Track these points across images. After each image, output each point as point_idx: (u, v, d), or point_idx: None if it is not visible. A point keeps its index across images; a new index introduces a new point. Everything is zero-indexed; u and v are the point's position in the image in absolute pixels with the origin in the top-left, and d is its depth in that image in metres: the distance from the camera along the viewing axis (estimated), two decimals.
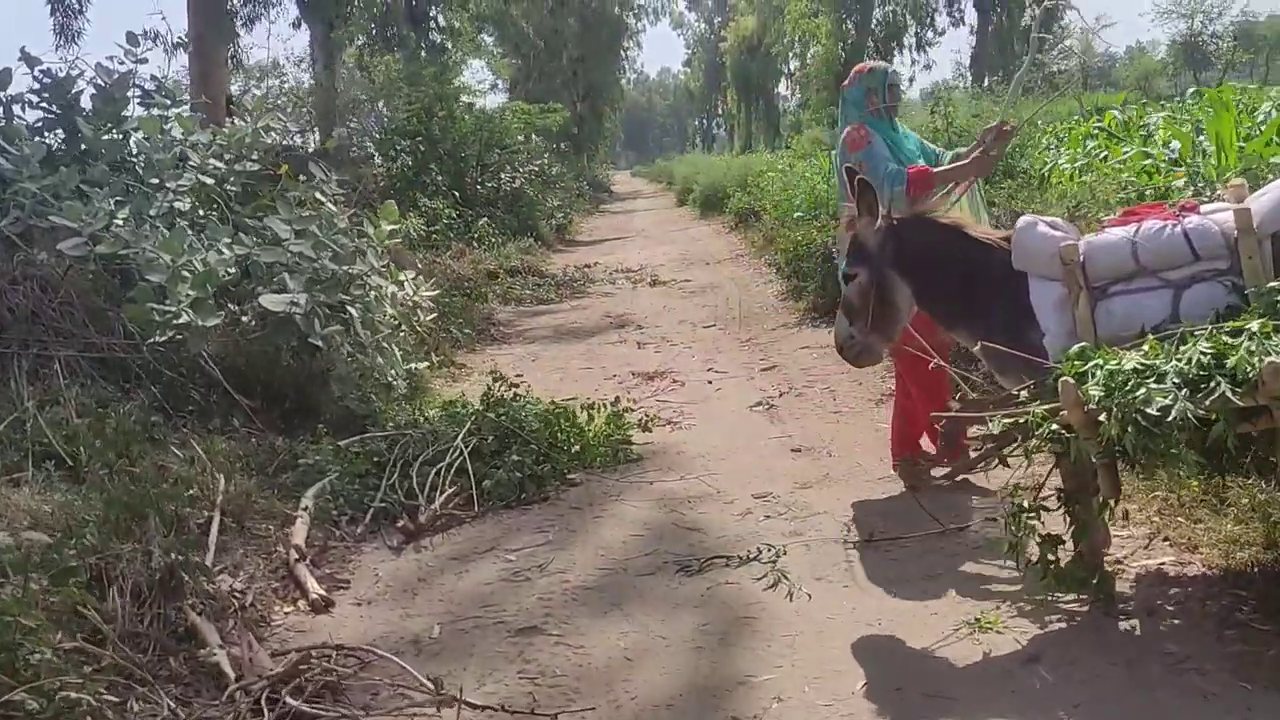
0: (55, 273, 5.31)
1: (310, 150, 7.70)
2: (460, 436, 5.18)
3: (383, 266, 6.90)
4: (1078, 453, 2.87)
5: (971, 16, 35.32)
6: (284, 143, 7.56)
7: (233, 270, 5.67)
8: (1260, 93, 13.00)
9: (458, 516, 4.77)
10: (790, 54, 44.81)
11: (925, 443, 4.78)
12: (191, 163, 6.72)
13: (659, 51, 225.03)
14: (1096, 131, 10.33)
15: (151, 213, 6.01)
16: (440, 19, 25.80)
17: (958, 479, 4.33)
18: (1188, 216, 3.05)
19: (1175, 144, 8.00)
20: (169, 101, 7.29)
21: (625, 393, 7.09)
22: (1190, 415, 2.55)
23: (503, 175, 18.63)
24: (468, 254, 13.61)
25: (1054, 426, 2.88)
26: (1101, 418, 2.73)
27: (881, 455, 5.09)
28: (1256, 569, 3.27)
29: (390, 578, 4.21)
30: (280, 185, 6.92)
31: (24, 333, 4.95)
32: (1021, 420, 2.98)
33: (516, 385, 5.80)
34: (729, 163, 26.17)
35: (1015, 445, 3.15)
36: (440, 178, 16.53)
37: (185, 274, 5.31)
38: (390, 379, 6.30)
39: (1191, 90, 15.64)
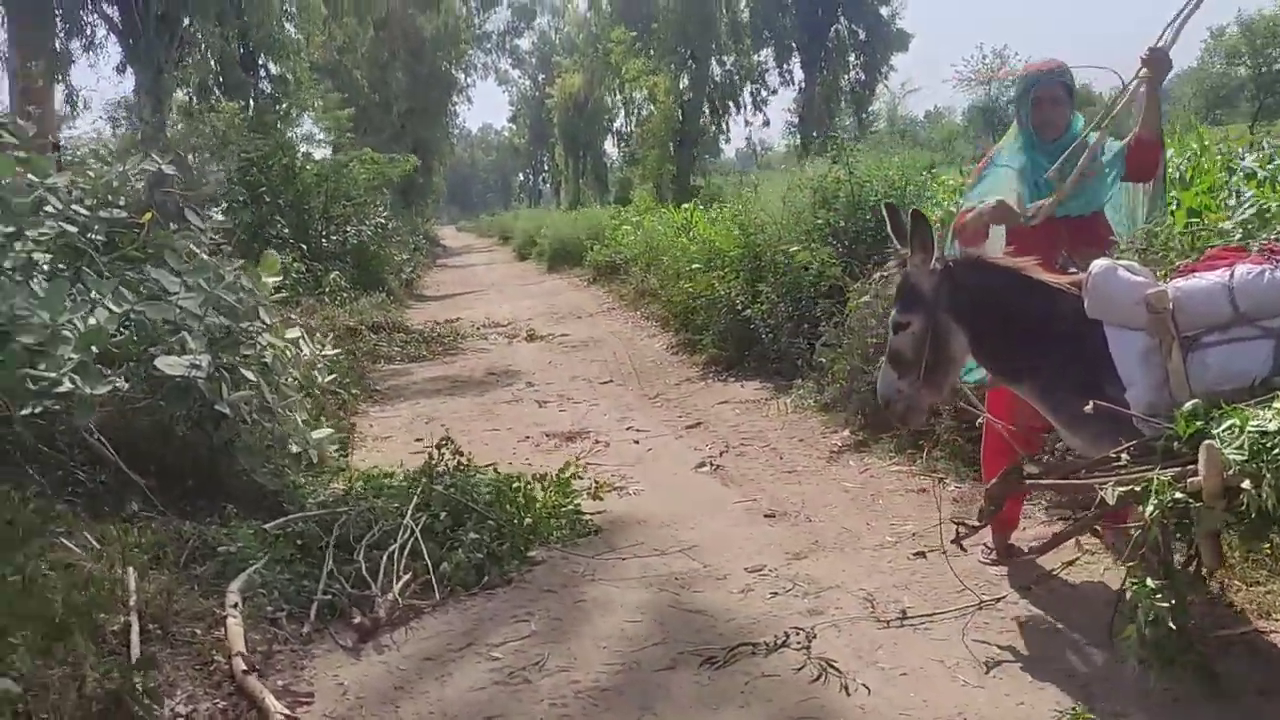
0: None
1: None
2: (409, 513, 4.57)
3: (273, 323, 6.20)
4: (1201, 521, 2.63)
5: (800, 75, 36.73)
6: (155, 187, 6.67)
7: (118, 331, 4.88)
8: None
9: (416, 607, 4.15)
10: (620, 111, 45.46)
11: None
12: (51, 208, 5.84)
13: (481, 108, 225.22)
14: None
15: (7, 264, 5.15)
16: (272, 67, 24.71)
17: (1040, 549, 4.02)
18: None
19: None
20: (16, 141, 6.36)
21: (543, 456, 6.63)
22: None
23: (348, 228, 17.80)
24: (319, 310, 12.76)
25: (1176, 495, 2.63)
26: (1245, 483, 2.49)
27: (867, 519, 4.81)
28: None
29: (359, 687, 3.57)
30: (147, 234, 6.12)
31: None
32: (1139, 488, 2.71)
33: (461, 452, 5.22)
34: (576, 216, 25.98)
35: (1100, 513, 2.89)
36: (285, 230, 15.61)
37: (65, 334, 4.52)
38: (299, 448, 5.58)
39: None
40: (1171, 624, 2.58)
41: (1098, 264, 3.11)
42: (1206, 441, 2.54)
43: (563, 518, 5.05)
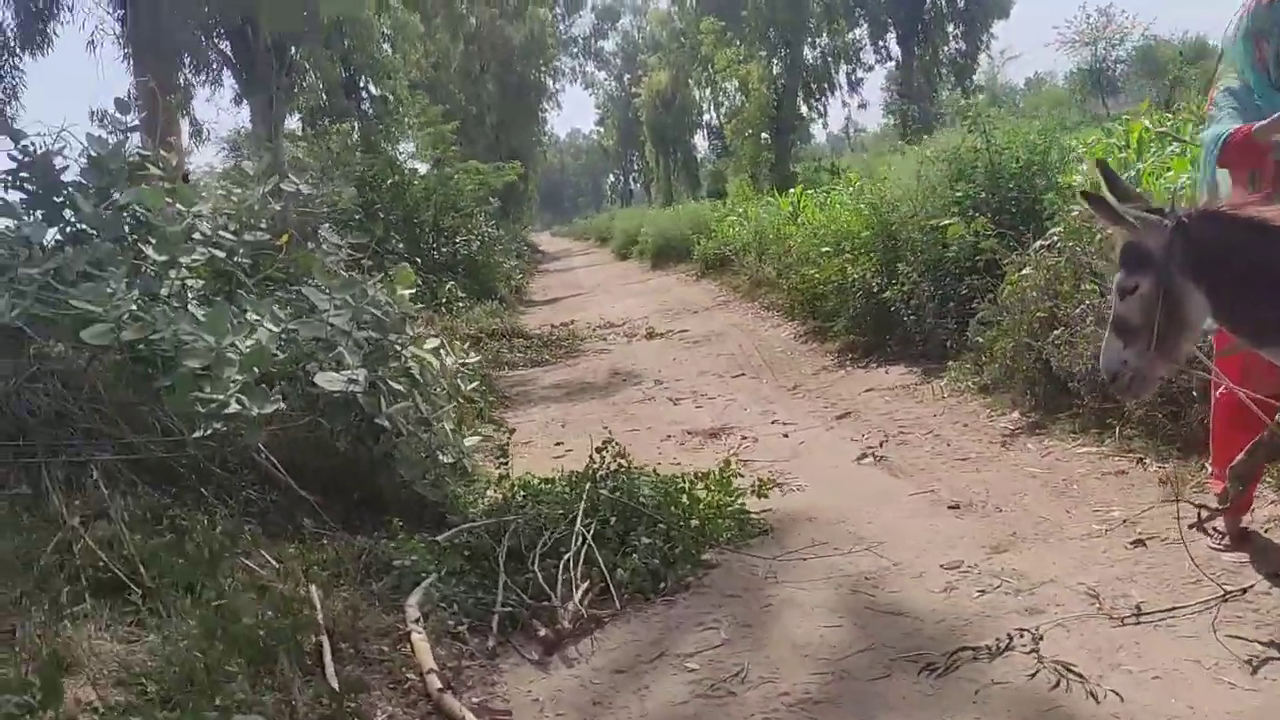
0: (76, 365, 4.43)
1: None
2: (579, 519, 4.42)
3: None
4: None
5: (896, 51, 35.82)
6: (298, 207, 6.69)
7: (279, 350, 4.85)
8: None
9: (597, 616, 3.99)
10: (709, 104, 45.21)
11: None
12: (199, 235, 5.88)
13: (567, 113, 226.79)
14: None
15: (164, 292, 5.18)
16: (373, 89, 25.18)
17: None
18: None
19: None
20: (161, 172, 6.44)
21: (690, 454, 6.44)
22: None
23: (458, 239, 17.96)
24: (438, 320, 12.83)
25: None
26: None
27: (1065, 507, 4.48)
28: None
29: (555, 703, 3.41)
30: (287, 254, 6.13)
31: (51, 437, 4.06)
32: None
33: (622, 454, 5.04)
34: (676, 212, 25.81)
35: None
36: (400, 245, 15.82)
37: (230, 357, 4.49)
38: (453, 458, 5.50)
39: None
40: None
41: None
42: None
43: (729, 517, 4.84)
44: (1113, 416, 5.17)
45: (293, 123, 21.07)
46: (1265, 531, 3.70)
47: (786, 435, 6.60)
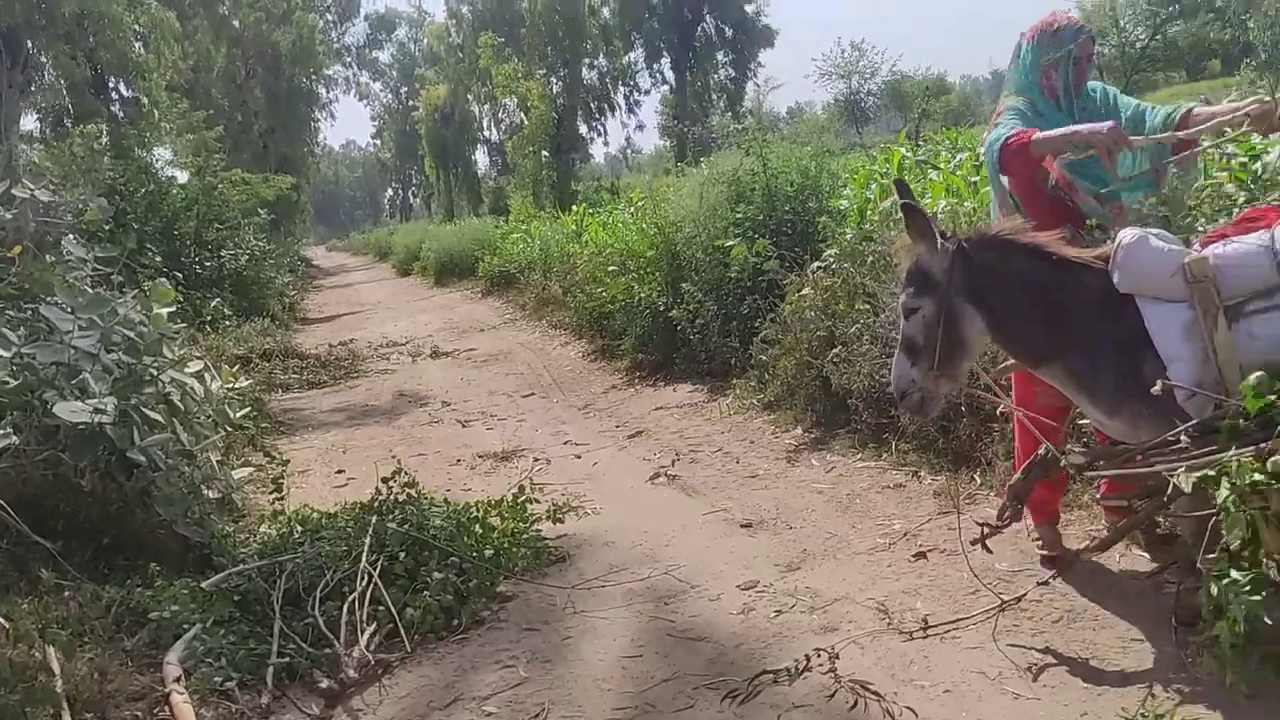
0: None
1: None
2: (364, 556, 4.13)
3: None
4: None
5: (670, 75, 36.78)
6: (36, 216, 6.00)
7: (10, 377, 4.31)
8: None
9: (385, 661, 3.73)
10: (489, 120, 44.91)
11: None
12: None
13: (342, 124, 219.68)
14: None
15: None
16: (124, 89, 23.41)
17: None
18: None
19: None
20: None
21: (482, 479, 6.24)
22: None
23: (223, 253, 16.89)
24: (202, 340, 11.98)
25: (1256, 476, 2.45)
26: None
27: (851, 522, 4.58)
28: None
29: None
30: (19, 268, 5.51)
31: None
32: (1214, 472, 2.52)
33: (412, 483, 4.78)
34: (460, 228, 25.37)
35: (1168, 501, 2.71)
36: (156, 259, 14.67)
37: None
38: (220, 492, 5.06)
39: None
40: (1267, 618, 2.39)
41: (1127, 233, 2.92)
42: None
43: (525, 545, 4.68)
44: (888, 432, 5.38)
45: (30, 123, 19.20)
46: (1085, 546, 3.80)
47: (579, 456, 6.51)
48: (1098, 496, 3.84)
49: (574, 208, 20.95)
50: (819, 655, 3.33)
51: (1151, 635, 3.16)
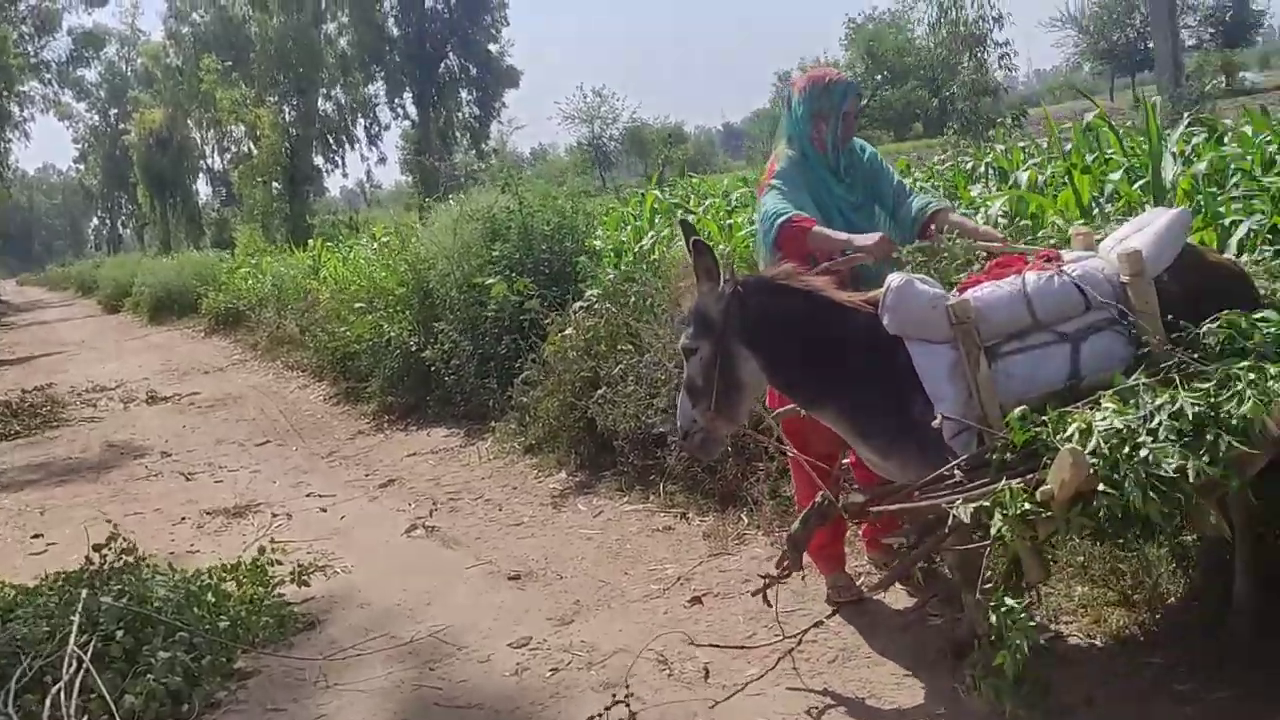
0: None
1: None
2: (73, 637, 3.56)
3: None
4: (1052, 532, 2.55)
5: (413, 110, 36.08)
6: None
7: None
8: None
9: None
10: (215, 147, 42.44)
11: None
12: None
13: (40, 146, 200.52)
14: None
15: None
16: None
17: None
18: (1063, 265, 2.91)
19: None
20: None
21: (211, 539, 5.69)
22: (1206, 472, 2.34)
23: None
24: None
25: (1026, 505, 2.52)
26: (1101, 486, 2.42)
27: (623, 569, 4.47)
28: (1143, 631, 3.15)
29: None
30: None
31: None
32: (989, 503, 2.57)
33: (130, 548, 4.21)
34: (179, 262, 23.59)
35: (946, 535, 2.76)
36: None
37: None
38: None
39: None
40: (1030, 645, 2.46)
41: (894, 278, 2.98)
42: (1069, 445, 2.44)
43: (266, 613, 4.24)
44: (655, 473, 5.33)
45: None
46: (867, 586, 3.83)
47: (325, 509, 6.04)
48: (861, 534, 3.92)
49: (310, 242, 20.04)
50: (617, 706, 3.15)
51: (922, 669, 3.22)
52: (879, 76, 38.68)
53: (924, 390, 2.91)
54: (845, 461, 3.83)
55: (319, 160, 36.45)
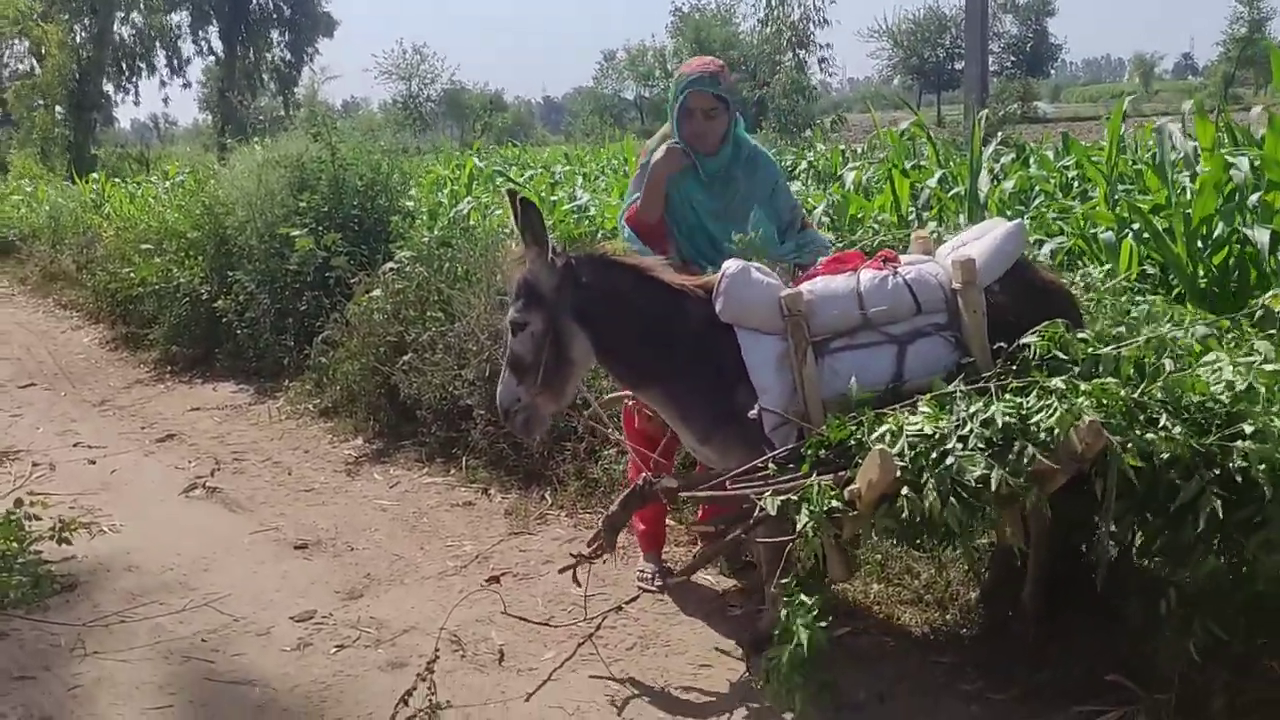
0: None
1: None
2: None
3: None
4: (850, 529, 2.59)
5: (219, 46, 33.84)
6: None
7: None
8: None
9: None
10: None
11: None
12: None
13: None
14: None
15: None
16: None
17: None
18: (898, 266, 2.94)
19: None
20: None
21: None
22: (1009, 483, 2.41)
23: None
24: None
25: (834, 502, 2.55)
26: (904, 489, 2.47)
27: (420, 543, 4.29)
28: (935, 631, 3.26)
29: None
30: None
31: None
32: (798, 497, 2.58)
33: None
34: None
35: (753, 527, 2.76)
36: None
37: None
38: None
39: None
40: (816, 641, 2.49)
41: (731, 264, 2.95)
42: (879, 446, 2.47)
43: (19, 572, 3.85)
44: (458, 446, 5.16)
45: None
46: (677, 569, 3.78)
47: (94, 462, 5.56)
48: (693, 521, 3.89)
49: (94, 174, 18.61)
50: (402, 700, 2.98)
51: (721, 660, 3.23)
52: None
53: (749, 379, 2.90)
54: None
55: (110, 88, 33.68)
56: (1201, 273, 4.28)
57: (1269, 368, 2.43)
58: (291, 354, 6.77)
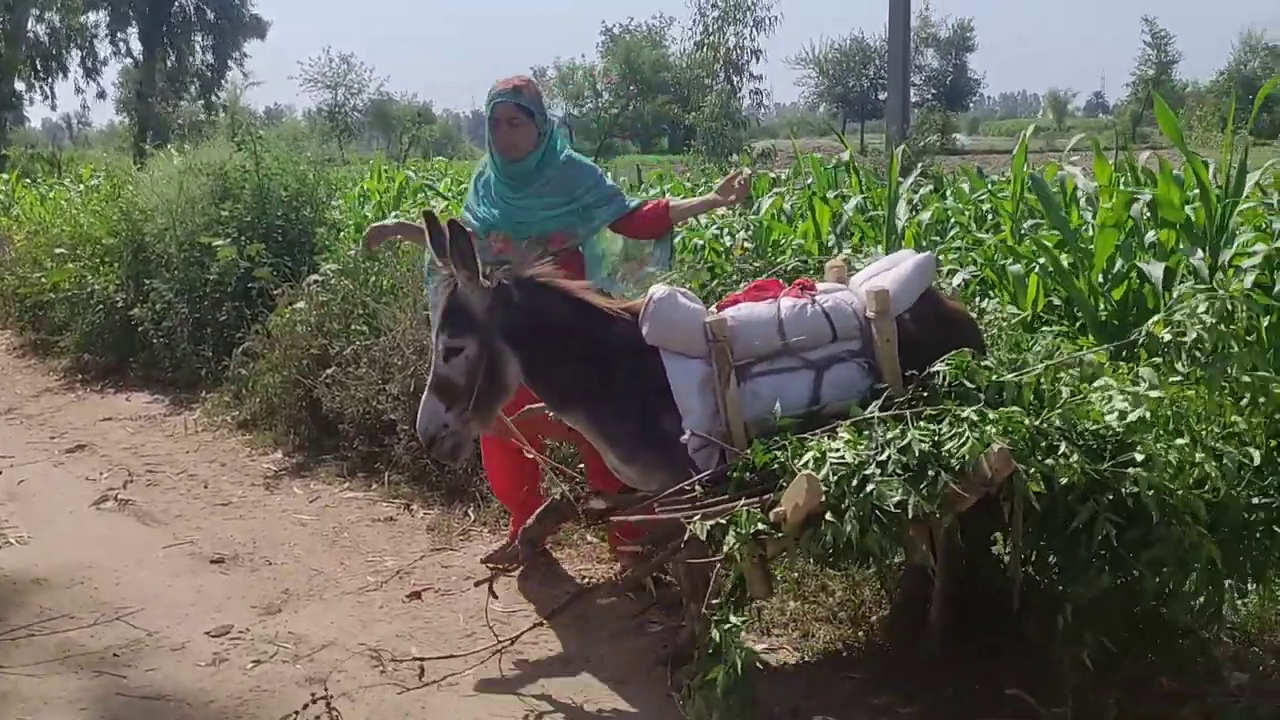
0: None
1: None
2: None
3: None
4: (780, 551, 2.67)
5: (138, 48, 33.03)
6: None
7: None
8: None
9: None
10: None
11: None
12: None
13: None
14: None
15: None
16: None
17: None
18: (815, 295, 3.04)
19: None
20: None
21: None
22: (924, 508, 2.50)
23: None
24: None
25: (759, 525, 2.62)
26: (828, 515, 2.55)
27: (340, 559, 4.27)
28: (847, 647, 3.35)
29: None
30: None
31: None
32: (726, 520, 2.64)
33: None
34: None
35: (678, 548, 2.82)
36: None
37: None
38: None
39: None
40: (744, 662, 2.55)
41: (658, 289, 3.02)
42: (806, 471, 2.56)
43: None
44: (380, 461, 5.14)
45: None
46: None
47: (0, 472, 5.40)
48: (616, 541, 3.93)
49: (3, 175, 18.05)
50: (305, 709, 2.99)
51: (638, 676, 3.27)
52: (632, 87, 39.68)
53: (673, 402, 2.97)
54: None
55: (21, 87, 32.60)
56: (1102, 306, 4.50)
57: (1153, 394, 2.58)
58: (210, 365, 6.66)
